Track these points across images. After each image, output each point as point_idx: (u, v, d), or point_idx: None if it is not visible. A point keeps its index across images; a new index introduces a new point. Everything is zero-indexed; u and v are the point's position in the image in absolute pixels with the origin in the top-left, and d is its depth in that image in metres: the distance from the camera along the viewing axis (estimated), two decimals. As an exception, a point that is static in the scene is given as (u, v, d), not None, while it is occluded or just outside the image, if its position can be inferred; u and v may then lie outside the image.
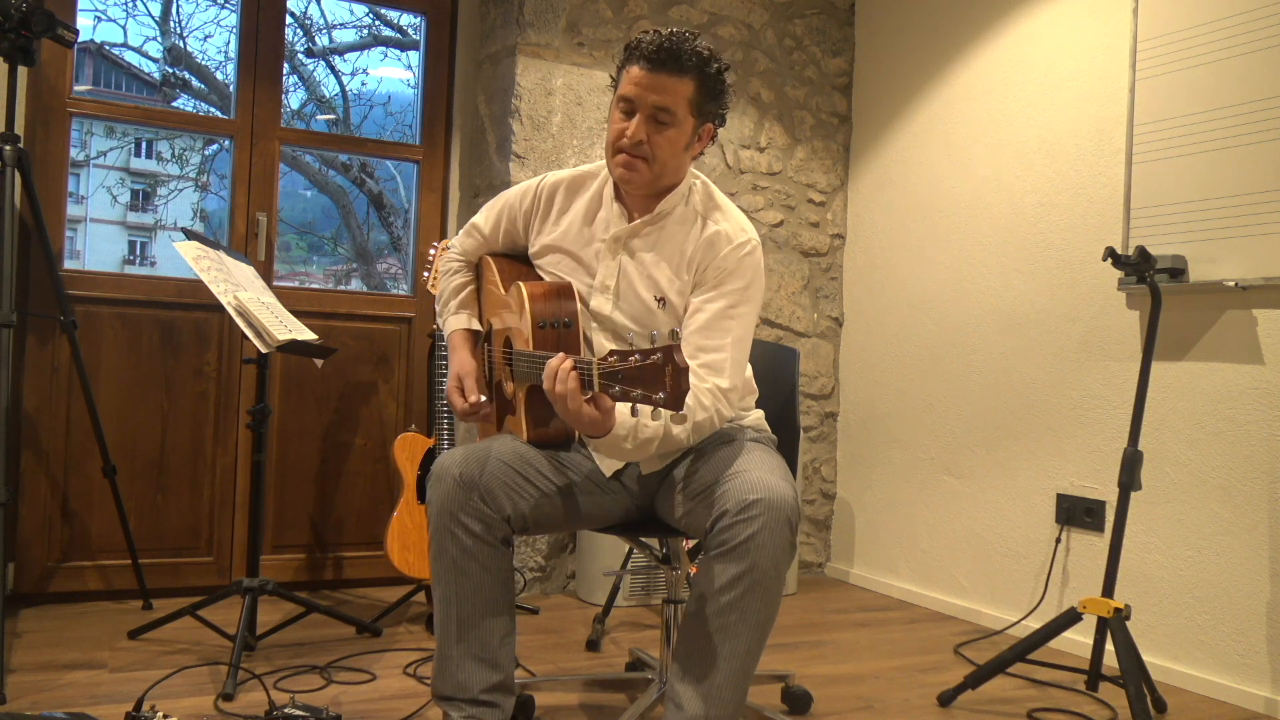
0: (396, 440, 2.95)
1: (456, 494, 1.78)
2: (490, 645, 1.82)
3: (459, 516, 1.78)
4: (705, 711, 1.66)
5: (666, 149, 1.83)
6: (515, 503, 1.81)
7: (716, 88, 1.84)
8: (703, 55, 1.80)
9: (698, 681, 1.68)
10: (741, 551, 1.63)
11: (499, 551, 1.82)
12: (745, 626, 1.66)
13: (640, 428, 1.71)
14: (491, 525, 1.79)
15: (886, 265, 3.75)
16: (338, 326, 3.32)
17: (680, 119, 1.82)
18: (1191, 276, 2.65)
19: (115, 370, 3.06)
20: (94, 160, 4.96)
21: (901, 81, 3.71)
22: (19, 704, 2.13)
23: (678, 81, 1.79)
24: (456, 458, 1.82)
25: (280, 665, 2.46)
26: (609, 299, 1.91)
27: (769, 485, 1.66)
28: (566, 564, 3.42)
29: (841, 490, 3.93)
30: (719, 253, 1.87)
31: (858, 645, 2.96)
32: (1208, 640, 2.63)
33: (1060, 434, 3.04)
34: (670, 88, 1.79)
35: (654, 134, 1.82)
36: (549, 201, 2.01)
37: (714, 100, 1.85)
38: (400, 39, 4.09)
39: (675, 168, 1.88)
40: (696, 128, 1.86)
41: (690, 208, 1.93)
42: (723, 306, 1.85)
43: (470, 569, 1.80)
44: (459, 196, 3.59)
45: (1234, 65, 2.58)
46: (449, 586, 1.81)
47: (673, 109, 1.81)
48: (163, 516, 3.12)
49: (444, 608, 1.82)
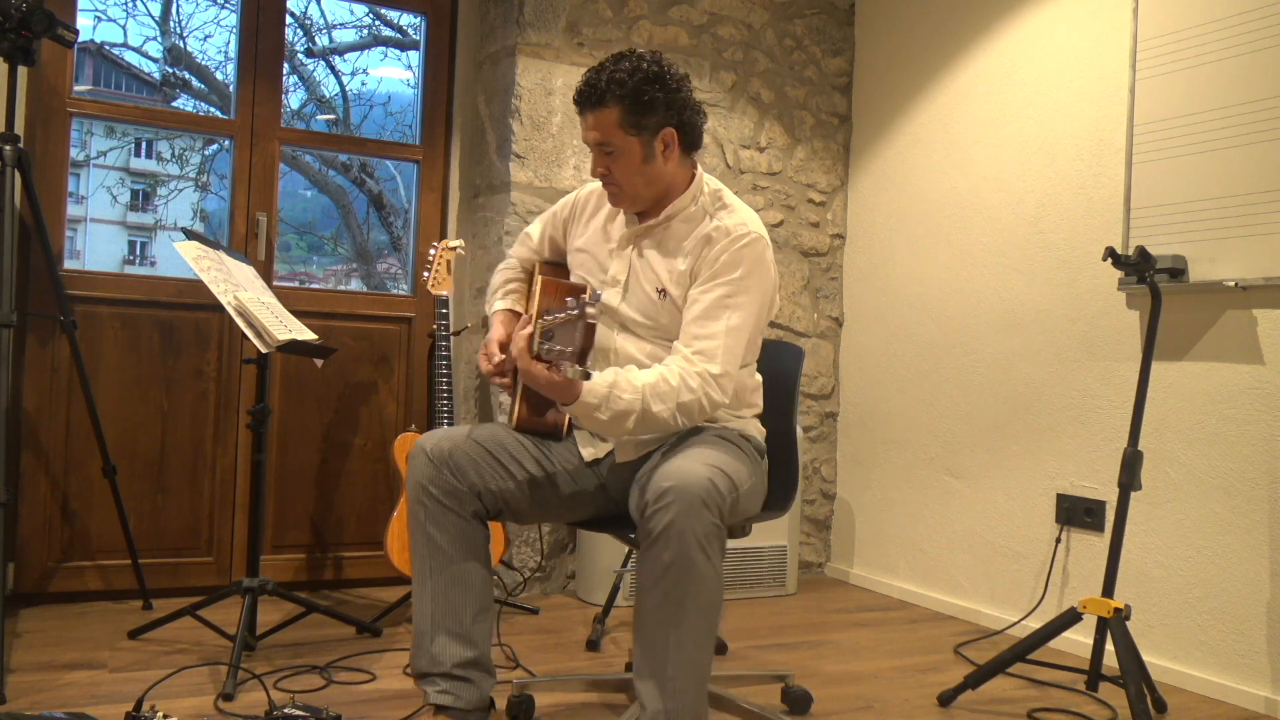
0: (396, 440, 2.95)
1: (426, 468, 1.88)
2: (463, 620, 1.87)
3: (428, 488, 1.87)
4: (664, 705, 1.68)
5: (624, 172, 1.93)
6: (485, 480, 1.90)
7: (642, 100, 1.89)
8: (619, 79, 1.87)
9: (653, 676, 1.70)
10: (663, 541, 1.66)
11: (470, 526, 1.89)
12: (685, 614, 1.68)
13: (613, 398, 1.76)
14: (461, 498, 1.88)
15: (886, 265, 3.75)
16: (338, 326, 3.32)
17: (620, 144, 1.91)
18: (1191, 276, 2.65)
19: (115, 370, 3.06)
20: (94, 160, 4.96)
21: (901, 81, 3.71)
22: (19, 704, 2.13)
23: (603, 113, 1.89)
24: (434, 436, 1.93)
25: (280, 665, 2.46)
26: (618, 292, 2.01)
27: (683, 471, 1.68)
28: (566, 564, 3.42)
29: (841, 490, 3.93)
30: (715, 245, 1.93)
31: (858, 645, 2.96)
32: (1208, 640, 2.63)
33: (1060, 434, 3.04)
34: (598, 122, 1.91)
35: (610, 164, 1.93)
36: (584, 208, 2.15)
37: (647, 113, 1.90)
38: (400, 39, 4.09)
39: (651, 180, 1.96)
40: (646, 142, 1.92)
41: (699, 207, 2.00)
42: (718, 295, 1.89)
43: (440, 540, 1.87)
44: (459, 196, 3.59)
45: (1234, 65, 2.58)
46: (422, 561, 1.89)
47: (608, 139, 1.91)
48: (163, 516, 3.12)
49: (419, 582, 1.89)
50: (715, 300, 1.89)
